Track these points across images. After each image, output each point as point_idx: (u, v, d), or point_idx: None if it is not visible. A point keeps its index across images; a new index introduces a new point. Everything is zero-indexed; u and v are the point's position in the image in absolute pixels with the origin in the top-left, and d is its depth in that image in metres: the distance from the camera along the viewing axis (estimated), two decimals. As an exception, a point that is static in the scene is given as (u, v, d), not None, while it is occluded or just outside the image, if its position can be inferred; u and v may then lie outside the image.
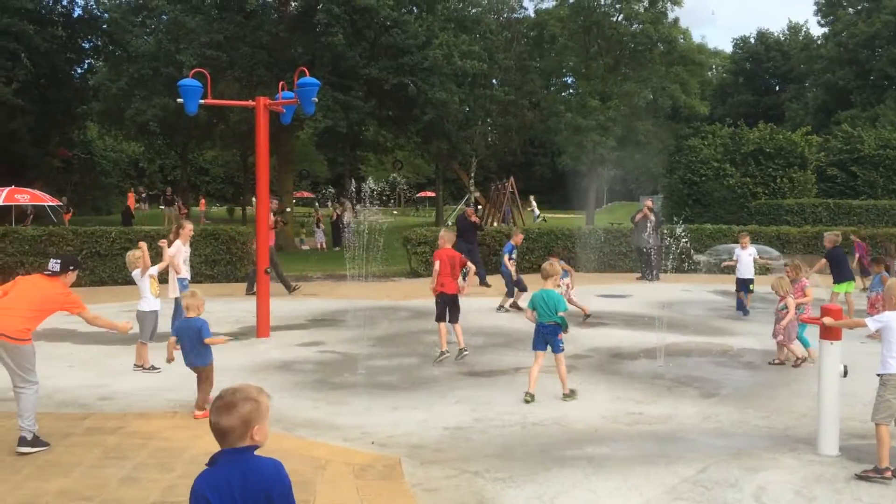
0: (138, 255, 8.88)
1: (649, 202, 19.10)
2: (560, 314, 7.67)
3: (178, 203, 36.41)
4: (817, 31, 74.96)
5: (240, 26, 24.97)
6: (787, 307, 9.12)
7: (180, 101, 10.32)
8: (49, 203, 25.65)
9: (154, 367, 8.72)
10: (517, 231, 14.36)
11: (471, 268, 10.76)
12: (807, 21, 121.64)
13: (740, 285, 13.33)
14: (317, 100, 10.90)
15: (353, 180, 37.82)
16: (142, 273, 8.80)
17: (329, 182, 60.71)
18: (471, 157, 38.69)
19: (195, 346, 7.06)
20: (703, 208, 29.77)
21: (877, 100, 47.83)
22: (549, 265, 8.08)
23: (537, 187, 76.32)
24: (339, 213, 29.01)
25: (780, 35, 70.27)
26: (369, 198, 16.77)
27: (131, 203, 34.72)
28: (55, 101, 33.41)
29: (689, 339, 11.09)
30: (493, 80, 37.01)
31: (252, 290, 15.42)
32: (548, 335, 7.72)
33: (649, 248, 17.51)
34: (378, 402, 7.59)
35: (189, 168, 48.17)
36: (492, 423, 6.88)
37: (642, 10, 36.62)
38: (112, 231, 17.14)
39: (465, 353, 9.37)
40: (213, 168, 60.87)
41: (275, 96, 11.25)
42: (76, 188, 40.66)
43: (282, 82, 11.61)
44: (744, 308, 13.28)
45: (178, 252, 10.11)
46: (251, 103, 11.03)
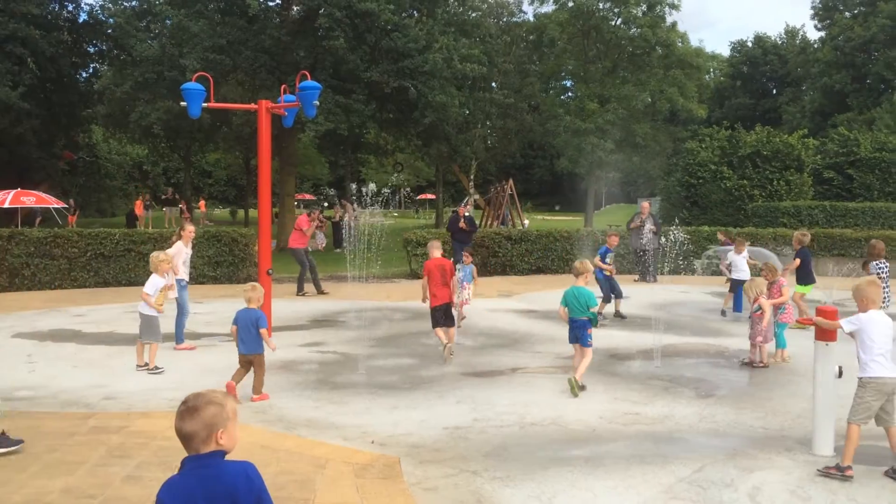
0: (162, 258, 9.17)
1: (646, 204, 19.36)
2: (591, 310, 8.19)
3: (181, 205, 36.55)
4: (814, 34, 75.46)
5: (242, 31, 25.10)
6: (761, 308, 9.21)
7: (184, 104, 10.41)
8: (55, 205, 25.79)
9: (157, 368, 8.83)
10: (612, 233, 13.75)
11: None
12: (804, 25, 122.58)
13: (735, 286, 13.47)
14: (318, 103, 11.00)
15: (355, 183, 37.96)
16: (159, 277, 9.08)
17: (330, 184, 60.91)
18: (470, 160, 38.83)
19: (252, 335, 7.62)
20: (700, 210, 29.86)
21: (873, 103, 47.97)
22: (581, 263, 8.47)
23: (536, 189, 76.59)
24: (340, 215, 29.11)
25: (778, 39, 70.57)
26: (370, 200, 16.81)
27: (139, 210, 34.86)
28: (61, 104, 33.67)
29: (685, 340, 11.17)
30: (493, 84, 37.19)
31: (301, 292, 15.71)
32: (578, 329, 8.21)
33: (646, 249, 17.67)
34: (378, 402, 7.67)
35: (192, 170, 48.32)
36: (490, 423, 6.96)
37: (640, 14, 36.82)
38: (116, 233, 17.24)
39: (452, 352, 9.59)
40: (216, 170, 61.06)
41: (277, 99, 11.34)
42: (81, 190, 40.86)
43: (284, 85, 11.70)
44: (738, 305, 13.45)
45: (178, 253, 10.28)
46: (253, 106, 11.10)
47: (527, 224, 37.92)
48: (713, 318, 13.34)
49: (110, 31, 32.64)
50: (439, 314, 9.72)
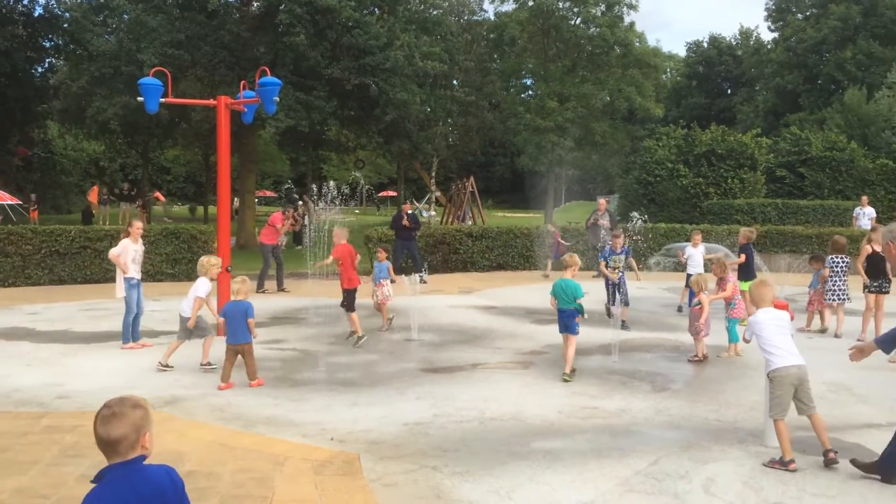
0: (213, 262, 9.30)
1: (603, 201, 19.54)
2: (578, 301, 8.58)
3: (139, 201, 36.01)
4: (768, 36, 76.96)
5: (202, 26, 24.76)
6: (701, 303, 9.47)
7: (141, 99, 10.28)
8: (9, 202, 25.20)
9: (211, 364, 8.82)
10: (618, 233, 12.92)
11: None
12: (758, 26, 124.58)
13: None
14: (278, 99, 10.96)
15: (314, 181, 37.70)
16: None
17: (291, 181, 60.45)
18: (432, 157, 38.81)
19: (241, 326, 8.01)
20: (657, 208, 30.29)
21: (824, 103, 49.08)
22: (570, 257, 9.03)
23: (497, 187, 76.86)
24: (301, 212, 28.89)
25: (732, 40, 71.83)
26: (331, 197, 16.75)
27: (94, 198, 34.20)
28: (15, 99, 33.06)
29: (642, 335, 11.38)
30: (454, 81, 37.21)
31: (262, 289, 15.63)
32: (566, 319, 8.67)
33: (604, 246, 17.82)
34: (338, 399, 7.67)
35: (151, 167, 47.53)
36: (451, 419, 7.01)
37: (599, 14, 37.16)
38: (72, 230, 16.91)
39: (363, 339, 10.37)
40: (175, 167, 60.06)
41: (236, 95, 11.26)
42: (36, 187, 40.05)
43: (243, 81, 11.62)
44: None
45: (124, 251, 10.02)
46: (212, 102, 11.02)
47: (429, 213, 38.02)
48: (670, 314, 13.58)
49: (66, 25, 32.00)
50: (353, 297, 10.53)
